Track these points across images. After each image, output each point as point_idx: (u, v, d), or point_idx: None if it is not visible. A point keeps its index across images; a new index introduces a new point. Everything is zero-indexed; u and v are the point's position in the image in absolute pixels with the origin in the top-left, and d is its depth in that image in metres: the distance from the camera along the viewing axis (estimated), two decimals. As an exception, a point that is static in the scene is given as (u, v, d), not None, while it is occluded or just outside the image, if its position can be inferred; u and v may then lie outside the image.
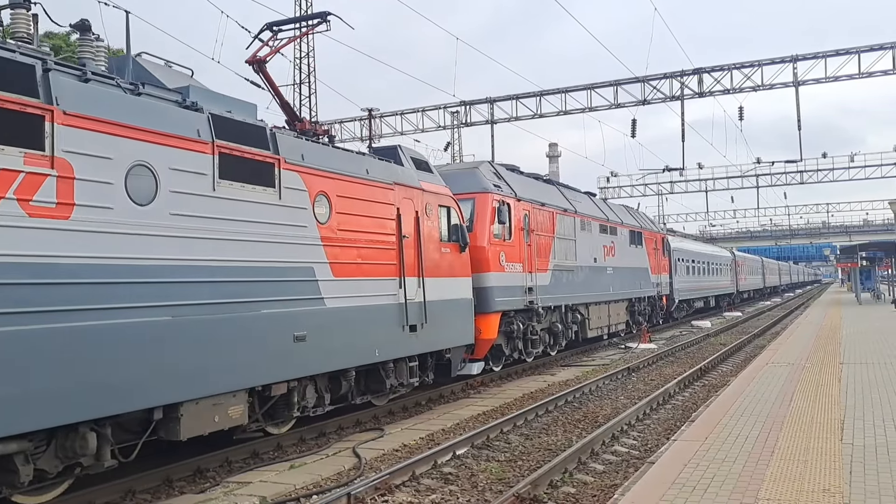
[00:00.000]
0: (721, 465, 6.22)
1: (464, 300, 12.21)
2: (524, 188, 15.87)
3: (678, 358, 18.47)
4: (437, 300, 11.18)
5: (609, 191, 54.10)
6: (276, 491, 7.10)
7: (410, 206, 10.80)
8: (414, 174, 11.25)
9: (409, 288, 10.52)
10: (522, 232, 15.02)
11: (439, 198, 11.77)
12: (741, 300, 47.90)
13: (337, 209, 9.17)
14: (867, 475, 5.76)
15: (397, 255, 10.33)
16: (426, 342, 11.00)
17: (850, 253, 42.14)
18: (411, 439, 9.31)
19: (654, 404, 11.36)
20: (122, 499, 6.94)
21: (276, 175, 8.23)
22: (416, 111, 32.25)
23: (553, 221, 16.79)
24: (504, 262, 13.98)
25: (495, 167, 15.51)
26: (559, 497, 6.81)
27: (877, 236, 63.16)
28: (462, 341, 12.22)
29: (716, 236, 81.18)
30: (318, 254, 8.79)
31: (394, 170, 10.71)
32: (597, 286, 19.19)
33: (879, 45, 25.56)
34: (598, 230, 19.86)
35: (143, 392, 6.57)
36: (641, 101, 28.55)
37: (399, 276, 10.33)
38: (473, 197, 13.85)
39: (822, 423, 7.79)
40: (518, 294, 14.48)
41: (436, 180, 11.96)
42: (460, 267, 12.13)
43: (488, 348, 13.60)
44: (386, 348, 10.00)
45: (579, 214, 18.53)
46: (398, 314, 10.31)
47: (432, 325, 11.01)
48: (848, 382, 10.52)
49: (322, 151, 9.29)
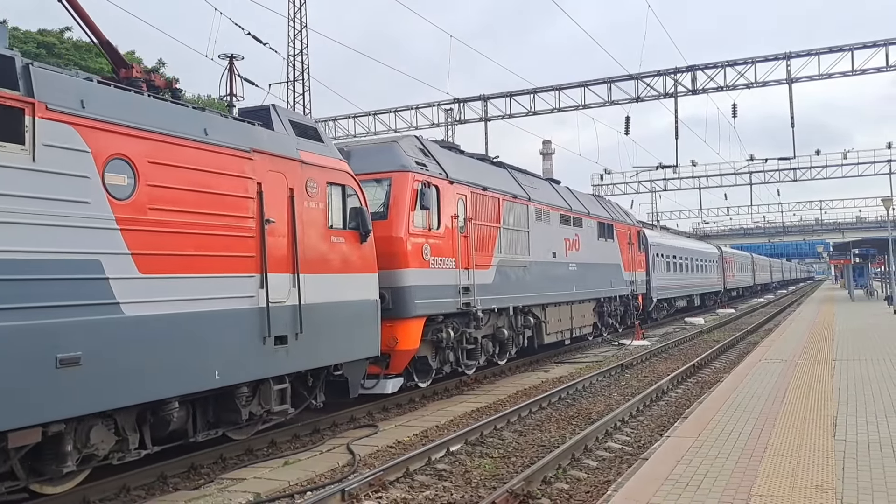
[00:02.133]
0: (714, 462, 6.24)
1: (365, 302, 9.72)
2: (461, 169, 13.36)
3: (671, 355, 18.52)
4: (323, 303, 8.79)
5: (603, 188, 54.17)
6: (270, 487, 7.10)
7: (281, 182, 8.33)
8: (290, 142, 8.77)
9: (277, 288, 8.05)
10: (456, 221, 12.43)
11: (329, 174, 9.21)
12: (730, 298, 46.26)
13: (148, 180, 6.74)
14: (860, 471, 5.79)
15: (257, 245, 7.87)
16: (303, 357, 8.48)
17: (843, 250, 42.35)
18: (405, 436, 9.31)
19: (647, 401, 11.39)
20: (117, 495, 6.93)
21: (28, 126, 5.81)
22: (409, 108, 32.24)
23: (499, 209, 14.16)
24: (429, 257, 11.52)
25: (424, 143, 12.90)
26: (553, 493, 6.82)
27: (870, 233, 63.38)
28: (362, 353, 9.69)
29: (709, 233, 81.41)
30: (112, 241, 6.38)
31: (253, 134, 8.19)
32: (556, 285, 16.70)
33: (873, 42, 25.67)
34: (558, 221, 17.28)
35: None
36: (635, 98, 28.61)
37: (260, 273, 7.88)
38: (389, 177, 11.30)
39: (815, 419, 7.83)
40: (449, 295, 12.00)
41: (328, 152, 9.47)
42: (360, 261, 9.66)
43: (408, 361, 11.28)
44: (233, 368, 7.49)
45: (534, 202, 15.93)
46: (256, 322, 7.79)
47: (313, 335, 8.58)
48: (841, 379, 10.57)
49: (123, 99, 6.83)
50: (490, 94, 30.71)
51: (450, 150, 14.20)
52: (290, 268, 8.38)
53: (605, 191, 54.53)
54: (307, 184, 8.79)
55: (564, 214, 17.80)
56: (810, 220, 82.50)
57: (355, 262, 9.61)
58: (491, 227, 13.84)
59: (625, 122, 30.37)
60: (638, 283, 23.74)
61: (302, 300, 8.46)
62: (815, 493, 5.25)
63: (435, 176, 12.06)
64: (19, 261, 5.64)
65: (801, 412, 8.22)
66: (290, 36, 29.15)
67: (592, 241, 19.66)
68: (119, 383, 6.34)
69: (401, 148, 11.79)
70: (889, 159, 47.85)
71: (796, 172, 48.64)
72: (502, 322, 14.27)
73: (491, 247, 13.73)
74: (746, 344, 20.35)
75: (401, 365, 11.14)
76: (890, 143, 47.72)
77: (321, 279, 8.87)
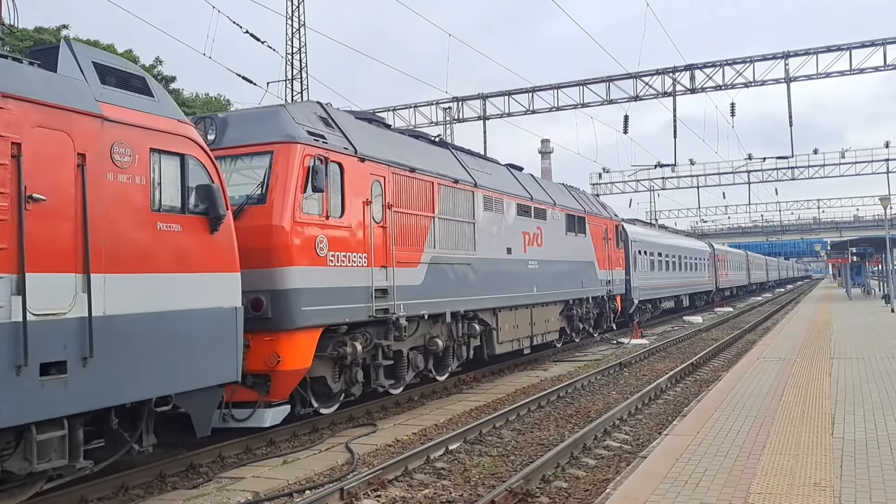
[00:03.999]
0: (713, 460, 6.25)
1: (216, 312, 7.29)
2: (378, 144, 10.85)
3: (670, 353, 18.54)
4: (141, 313, 6.49)
5: (601, 186, 54.24)
6: (269, 486, 7.10)
7: (63, 143, 6.02)
8: (84, 90, 6.37)
9: (46, 293, 5.72)
10: (368, 207, 10.05)
11: (157, 138, 6.85)
12: (723, 298, 44.41)
13: None
14: (858, 469, 5.81)
15: (11, 232, 5.54)
16: (96, 391, 6.04)
17: (841, 249, 42.41)
18: (404, 434, 9.32)
19: (645, 399, 11.41)
20: (115, 494, 6.93)
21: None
22: (408, 107, 32.21)
23: (432, 195, 11.68)
24: (326, 252, 9.19)
25: (329, 111, 10.40)
26: (551, 491, 6.84)
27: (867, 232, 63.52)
28: (210, 379, 7.25)
29: (707, 232, 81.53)
30: None
31: (5, 73, 5.74)
32: (512, 285, 14.34)
33: (871, 41, 25.70)
34: (515, 212, 14.83)
35: None
36: (633, 97, 28.63)
37: (15, 273, 5.55)
38: (271, 149, 9.01)
39: (813, 417, 7.85)
40: (357, 299, 9.70)
41: (159, 110, 7.04)
42: (209, 256, 7.27)
43: (295, 384, 8.96)
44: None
45: (483, 189, 13.46)
46: (2, 345, 5.43)
47: (118, 359, 6.21)
48: (838, 377, 10.59)
49: None
50: (489, 92, 30.73)
51: (369, 122, 11.65)
52: (77, 265, 5.99)
53: (604, 189, 54.63)
54: (114, 149, 6.44)
55: (523, 204, 15.32)
56: (808, 218, 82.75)
57: (200, 258, 7.21)
58: (421, 217, 11.37)
59: (623, 121, 30.41)
60: (616, 283, 21.65)
61: (98, 310, 6.07)
62: (814, 491, 5.26)
63: (337, 150, 9.60)
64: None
65: (799, 410, 8.24)
66: (288, 34, 29.13)
67: (559, 236, 17.25)
68: None
69: (288, 114, 9.36)
70: (887, 158, 48.05)
71: (794, 171, 48.75)
72: (437, 331, 11.88)
73: (420, 240, 11.30)
74: (744, 342, 20.38)
75: (285, 390, 8.81)
76: (888, 143, 47.91)
77: (138, 281, 6.54)
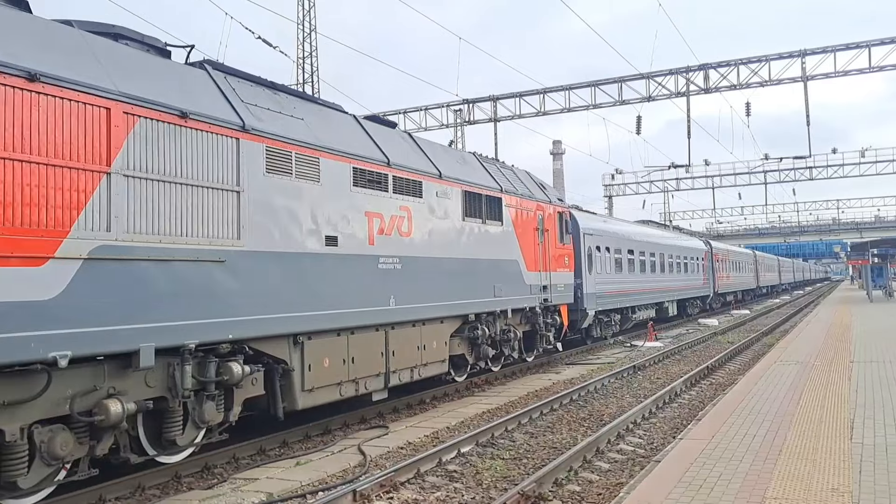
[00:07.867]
0: (728, 464, 6.18)
1: None
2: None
3: (684, 356, 18.39)
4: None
5: (614, 188, 53.97)
6: (283, 487, 7.12)
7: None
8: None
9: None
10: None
11: None
12: (721, 304, 39.09)
13: None
14: (877, 475, 5.71)
15: None
16: None
17: (861, 250, 41.82)
18: (416, 437, 9.30)
19: (660, 403, 11.31)
20: (132, 494, 6.99)
21: None
22: (419, 109, 32.24)
23: (108, 135, 6.33)
24: None
25: None
26: (564, 495, 6.79)
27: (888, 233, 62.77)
28: None
29: (723, 233, 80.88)
30: None
31: None
32: (337, 295, 9.07)
33: (891, 38, 25.32)
34: (350, 181, 9.47)
35: None
36: (646, 97, 28.43)
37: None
38: None
39: (831, 422, 7.73)
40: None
41: None
42: None
43: None
44: None
45: (265, 137, 8.11)
46: None
47: None
48: (858, 381, 10.44)
49: None
50: (499, 94, 30.65)
51: None
52: None
53: (617, 191, 54.37)
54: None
55: (369, 169, 9.91)
56: (827, 219, 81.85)
57: None
58: (60, 169, 5.96)
59: (636, 122, 30.22)
60: (558, 290, 15.88)
61: None
62: (831, 496, 5.18)
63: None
64: None
65: (817, 415, 8.13)
66: (299, 39, 29.29)
67: (448, 222, 11.92)
68: None
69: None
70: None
71: (812, 171, 48.22)
72: (121, 385, 6.47)
73: (62, 215, 5.92)
74: (761, 346, 20.16)
75: None
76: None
77: None
